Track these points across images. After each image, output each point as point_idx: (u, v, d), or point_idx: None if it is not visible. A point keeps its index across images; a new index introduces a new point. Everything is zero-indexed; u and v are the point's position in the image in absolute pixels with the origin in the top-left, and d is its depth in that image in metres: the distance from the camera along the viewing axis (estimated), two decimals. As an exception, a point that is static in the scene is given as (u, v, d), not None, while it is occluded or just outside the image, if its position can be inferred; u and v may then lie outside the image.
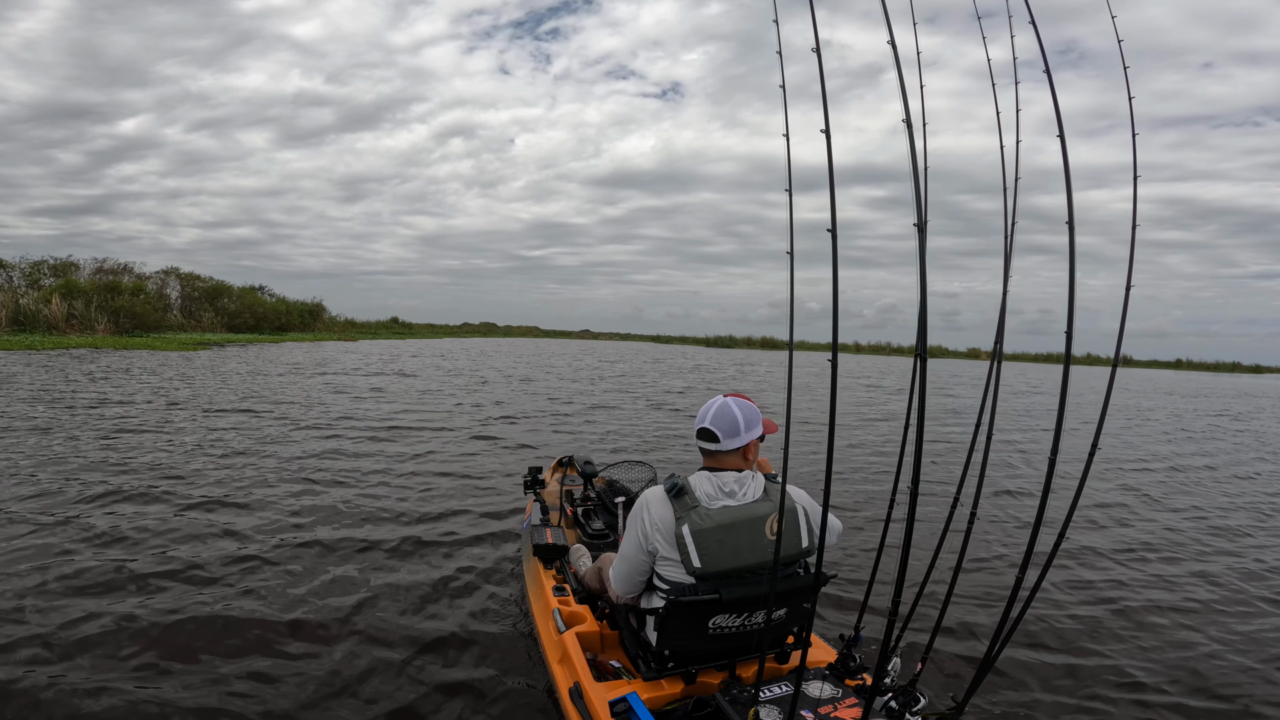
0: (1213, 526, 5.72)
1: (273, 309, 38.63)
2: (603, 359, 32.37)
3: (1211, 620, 3.72)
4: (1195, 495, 7.00)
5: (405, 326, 57.33)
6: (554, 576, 2.97)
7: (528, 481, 4.09)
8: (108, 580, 3.48)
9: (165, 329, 29.84)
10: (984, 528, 5.18)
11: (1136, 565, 4.58)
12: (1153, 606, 3.87)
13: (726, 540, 2.04)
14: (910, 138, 1.58)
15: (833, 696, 2.03)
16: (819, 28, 1.59)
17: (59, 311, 25.70)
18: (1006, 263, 2.18)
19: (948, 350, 67.28)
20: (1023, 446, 9.66)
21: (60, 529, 4.23)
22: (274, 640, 3.00)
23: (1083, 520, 5.51)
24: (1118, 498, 6.63)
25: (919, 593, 2.36)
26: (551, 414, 11.09)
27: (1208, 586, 4.25)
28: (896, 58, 1.64)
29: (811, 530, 2.13)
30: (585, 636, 2.47)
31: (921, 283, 1.44)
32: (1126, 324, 1.97)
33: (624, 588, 2.23)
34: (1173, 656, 3.27)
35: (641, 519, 2.12)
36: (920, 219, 1.54)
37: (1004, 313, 2.17)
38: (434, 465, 6.71)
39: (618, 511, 3.58)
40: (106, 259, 33.77)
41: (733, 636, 2.14)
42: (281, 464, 6.37)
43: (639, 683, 2.18)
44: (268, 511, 4.83)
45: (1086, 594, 4.01)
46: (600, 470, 4.20)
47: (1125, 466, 8.46)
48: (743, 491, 2.11)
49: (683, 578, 2.07)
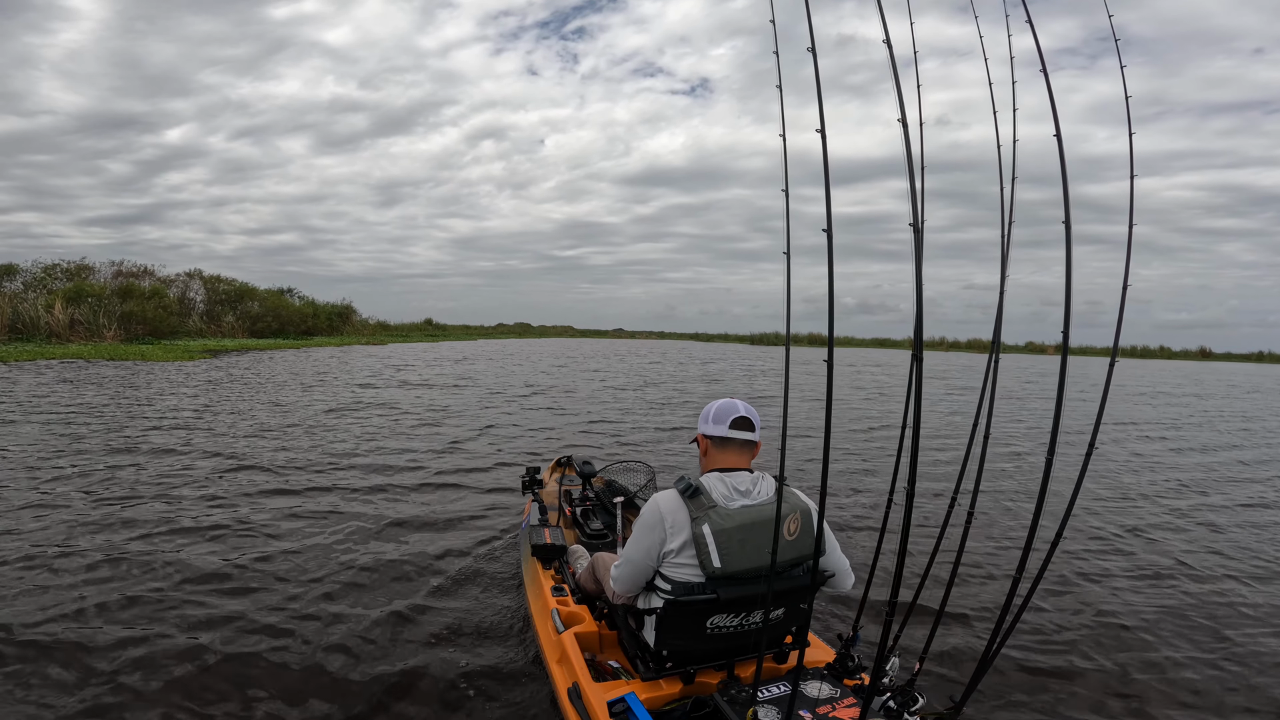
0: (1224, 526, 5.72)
1: (298, 312, 36.59)
2: (660, 359, 30.43)
3: (1221, 622, 3.72)
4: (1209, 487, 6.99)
5: (439, 329, 55.95)
6: (552, 577, 2.98)
7: (526, 482, 4.09)
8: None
9: (183, 334, 28.40)
10: (984, 526, 5.19)
11: (1142, 566, 4.58)
12: (1156, 606, 3.87)
13: (749, 540, 2.03)
14: (905, 137, 1.57)
15: (831, 696, 2.03)
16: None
17: (62, 318, 24.32)
18: (1004, 260, 2.18)
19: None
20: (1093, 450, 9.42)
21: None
22: (265, 637, 3.00)
23: (1113, 525, 5.51)
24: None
25: (917, 592, 2.36)
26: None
27: (1229, 590, 4.25)
28: (891, 56, 1.63)
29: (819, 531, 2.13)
30: (584, 637, 2.47)
31: (918, 285, 1.43)
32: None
33: (626, 589, 2.23)
34: (1177, 656, 3.27)
35: (654, 521, 2.10)
36: (916, 220, 1.54)
37: (1001, 310, 2.16)
38: (425, 470, 6.71)
39: (616, 512, 3.58)
40: (124, 261, 32.52)
41: (731, 636, 2.14)
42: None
43: (637, 683, 2.18)
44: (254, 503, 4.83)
45: (1088, 592, 4.01)
46: (599, 470, 4.20)
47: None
48: (756, 491, 2.11)
49: (692, 577, 2.06)
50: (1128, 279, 1.93)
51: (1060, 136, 1.80)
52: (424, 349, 32.03)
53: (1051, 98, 1.85)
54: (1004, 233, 2.18)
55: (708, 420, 2.21)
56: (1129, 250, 1.93)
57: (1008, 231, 2.22)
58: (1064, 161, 1.78)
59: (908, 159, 1.60)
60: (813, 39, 1.62)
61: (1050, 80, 1.84)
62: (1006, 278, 2.16)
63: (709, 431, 2.20)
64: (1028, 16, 1.96)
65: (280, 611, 3.29)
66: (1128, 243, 1.90)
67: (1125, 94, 2.07)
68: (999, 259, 2.11)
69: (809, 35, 1.64)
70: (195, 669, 2.75)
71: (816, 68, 1.60)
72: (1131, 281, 1.92)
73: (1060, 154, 1.78)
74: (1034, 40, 1.95)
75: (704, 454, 2.24)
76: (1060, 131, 1.81)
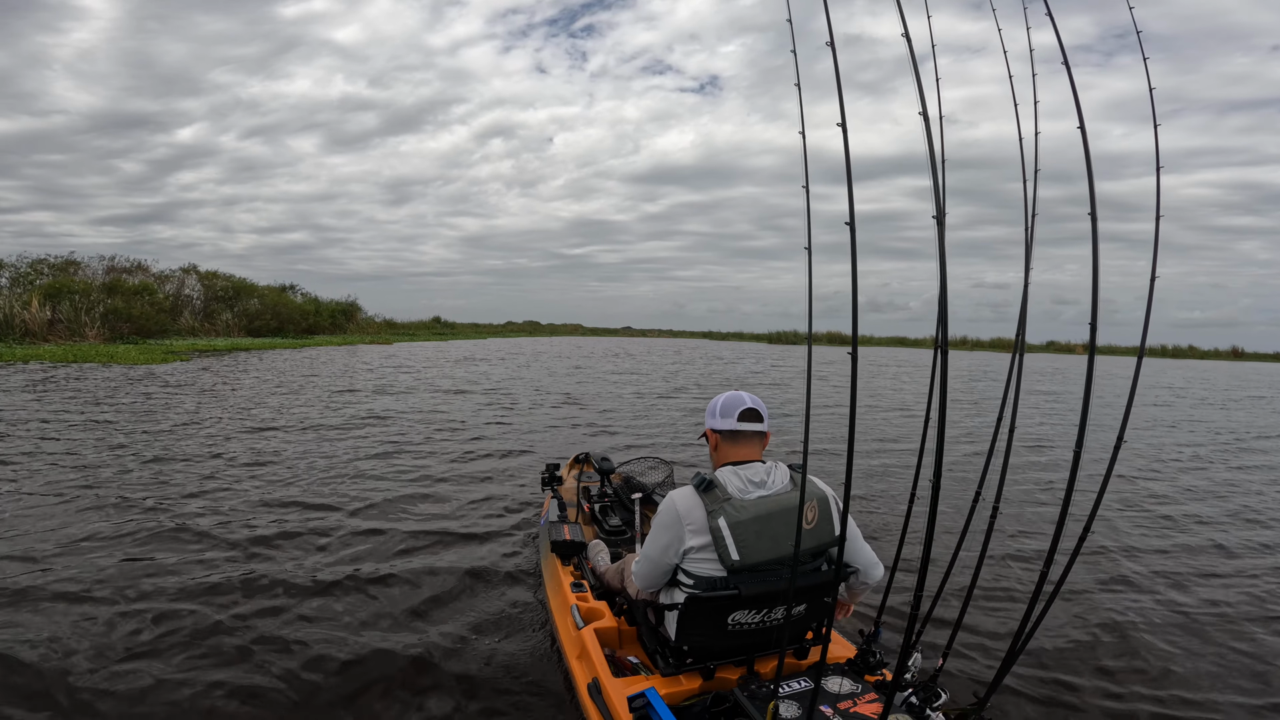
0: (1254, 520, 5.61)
1: (299, 310, 34.96)
2: (679, 359, 28.84)
3: (1255, 619, 3.65)
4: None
5: (447, 326, 54.81)
6: (572, 573, 2.99)
7: (545, 478, 4.11)
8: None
9: (173, 333, 26.40)
10: (1008, 524, 5.13)
11: (1177, 562, 4.50)
12: (1189, 605, 3.81)
13: (765, 531, 2.02)
14: (927, 130, 1.56)
15: (852, 692, 2.01)
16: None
17: (38, 316, 22.11)
18: (1028, 255, 2.15)
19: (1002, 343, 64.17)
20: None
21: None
22: (286, 625, 3.04)
23: (1136, 521, 5.43)
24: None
25: (940, 588, 2.34)
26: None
27: (1258, 585, 4.16)
28: (910, 50, 1.62)
29: (839, 519, 2.11)
30: (603, 632, 2.48)
31: (941, 275, 1.42)
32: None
33: (646, 584, 2.23)
34: (1209, 652, 3.21)
35: (671, 519, 2.09)
36: (939, 210, 1.53)
37: (1024, 307, 2.14)
38: (445, 463, 6.76)
39: (634, 508, 3.59)
40: (115, 256, 30.70)
41: (752, 633, 2.13)
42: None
43: (657, 678, 2.18)
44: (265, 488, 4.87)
45: (1118, 592, 3.95)
46: (617, 467, 4.20)
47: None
48: (771, 481, 2.10)
49: (714, 571, 2.05)
50: (1155, 271, 1.90)
51: (1084, 129, 1.78)
52: (433, 349, 30.67)
53: (1075, 91, 1.82)
54: (1027, 224, 2.15)
55: (715, 415, 2.20)
56: (1156, 242, 1.90)
57: (1031, 225, 2.20)
58: (1089, 154, 1.76)
59: (929, 151, 1.59)
60: (831, 35, 1.61)
61: (1072, 74, 1.82)
62: (1030, 272, 2.13)
63: (718, 426, 2.19)
64: (1048, 10, 1.93)
65: (287, 612, 3.33)
66: (1155, 232, 1.87)
67: (1149, 87, 2.03)
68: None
69: (825, 31, 1.63)
70: (235, 607, 2.79)
71: (837, 64, 1.59)
72: (1146, 280, 1.89)
73: (1085, 147, 1.76)
74: (1054, 33, 1.92)
75: (714, 449, 2.24)
76: (1084, 124, 1.78)
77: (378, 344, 32.08)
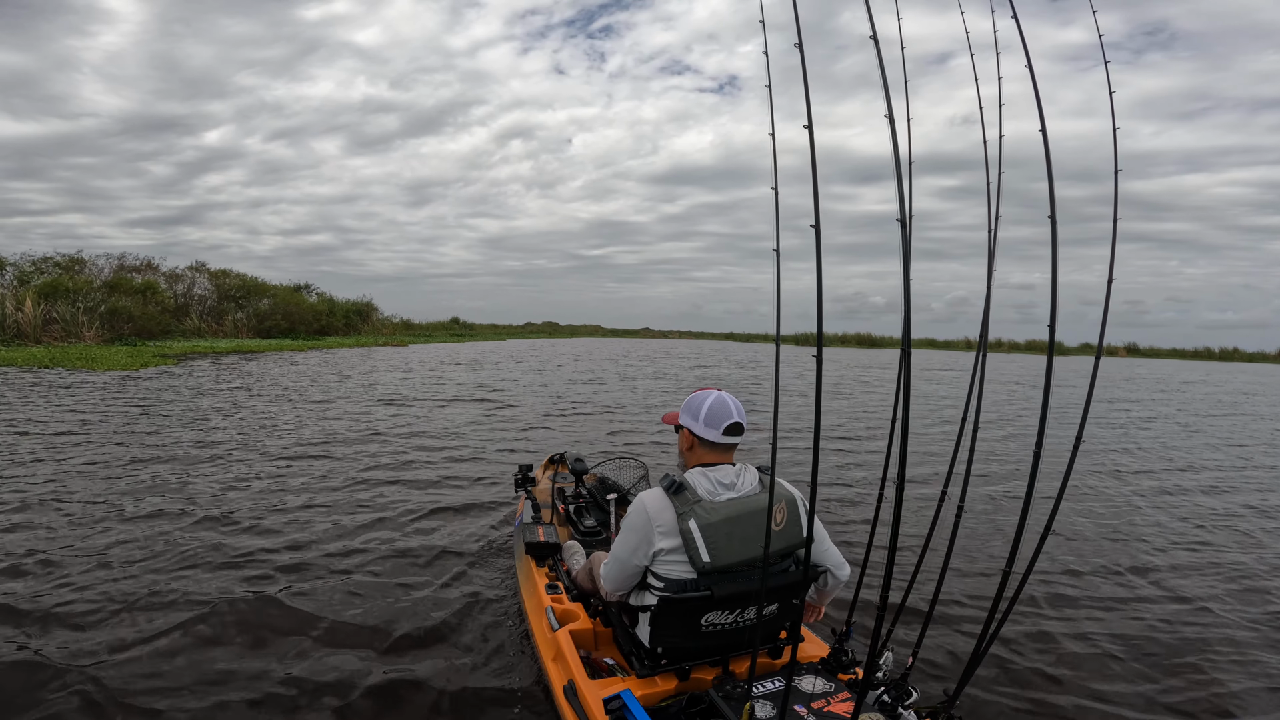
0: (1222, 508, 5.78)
1: (311, 310, 33.40)
2: (709, 361, 27.28)
3: (1216, 609, 3.77)
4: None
5: (465, 328, 52.96)
6: (547, 574, 2.98)
7: (518, 479, 4.08)
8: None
9: (177, 334, 25.67)
10: (980, 517, 5.23)
11: (1136, 557, 4.63)
12: (1151, 597, 3.92)
13: (735, 532, 2.03)
14: (893, 132, 1.58)
15: (825, 691, 2.04)
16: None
17: (32, 316, 21.19)
18: (990, 256, 2.19)
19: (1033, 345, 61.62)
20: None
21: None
22: (257, 634, 2.99)
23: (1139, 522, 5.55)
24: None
25: (908, 586, 2.37)
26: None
27: (1220, 576, 4.29)
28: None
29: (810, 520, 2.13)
30: (579, 634, 2.48)
31: (905, 281, 1.44)
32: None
33: (615, 586, 2.23)
34: (1170, 642, 3.31)
35: (641, 522, 2.09)
36: (904, 214, 1.55)
37: (988, 307, 2.17)
38: (420, 468, 6.70)
39: (609, 508, 3.58)
40: (124, 255, 29.81)
41: (726, 633, 2.15)
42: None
43: (633, 680, 2.19)
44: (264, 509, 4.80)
45: (1081, 585, 4.05)
46: (591, 467, 4.20)
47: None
48: (740, 483, 2.12)
49: (684, 574, 2.06)
50: (1113, 274, 1.94)
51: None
52: (449, 350, 29.13)
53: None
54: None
55: (698, 420, 2.17)
56: (1114, 245, 1.94)
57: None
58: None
59: (895, 155, 1.60)
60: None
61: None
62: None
63: (699, 433, 2.17)
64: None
65: (256, 620, 3.27)
66: (1113, 232, 1.91)
67: (1099, 34, 2.07)
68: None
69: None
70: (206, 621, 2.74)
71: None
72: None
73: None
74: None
75: (688, 449, 2.22)
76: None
77: (392, 345, 31.03)
